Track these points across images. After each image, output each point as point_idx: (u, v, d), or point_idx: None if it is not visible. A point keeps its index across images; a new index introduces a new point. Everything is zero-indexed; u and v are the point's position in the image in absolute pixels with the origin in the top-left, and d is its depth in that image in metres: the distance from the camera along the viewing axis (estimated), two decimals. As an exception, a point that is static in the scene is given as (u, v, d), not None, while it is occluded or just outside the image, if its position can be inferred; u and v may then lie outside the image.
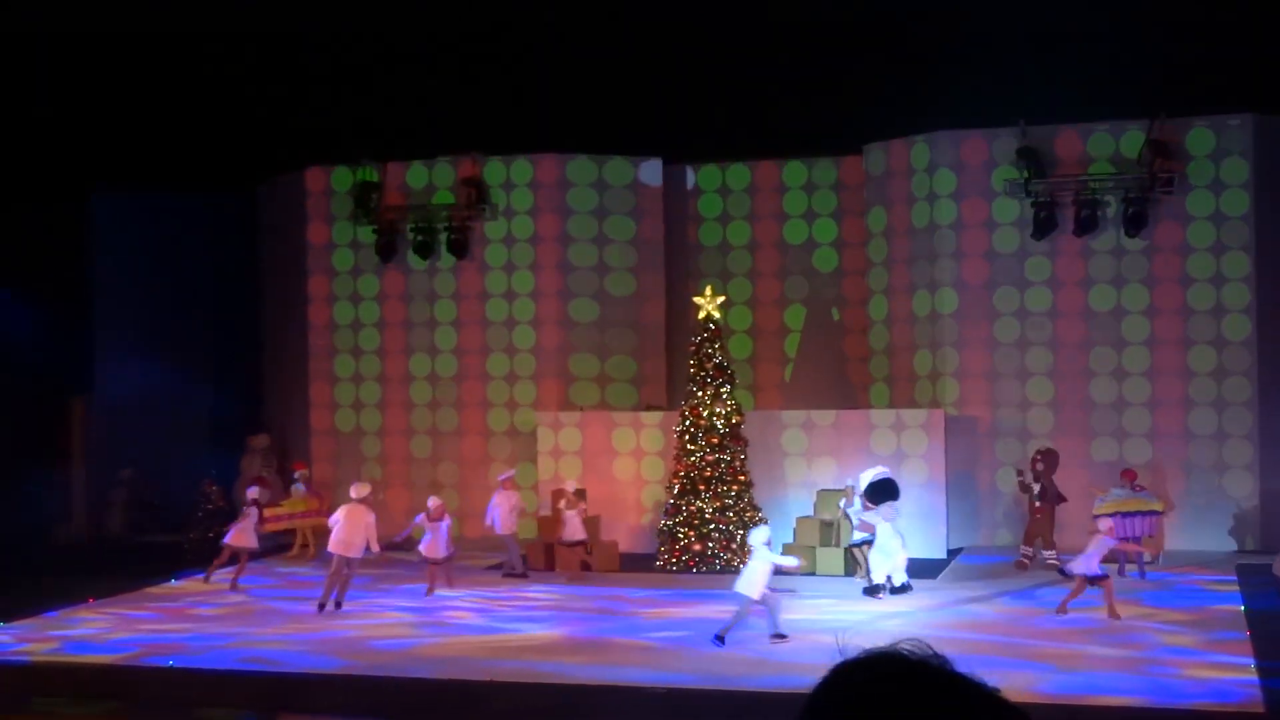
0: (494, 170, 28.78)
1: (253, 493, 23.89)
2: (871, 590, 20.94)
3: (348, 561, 20.65)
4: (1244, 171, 25.43)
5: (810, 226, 29.37)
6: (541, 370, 28.54)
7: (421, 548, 22.20)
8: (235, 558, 22.81)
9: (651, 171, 28.80)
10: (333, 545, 20.66)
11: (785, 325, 29.64)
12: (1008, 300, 26.47)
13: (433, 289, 29.03)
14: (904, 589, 21.04)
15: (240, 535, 22.85)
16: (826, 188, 29.28)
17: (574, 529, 23.90)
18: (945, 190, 26.72)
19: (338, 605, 20.52)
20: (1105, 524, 19.49)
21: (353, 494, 21.37)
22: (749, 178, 29.64)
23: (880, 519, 21.23)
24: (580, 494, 24.79)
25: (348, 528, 20.62)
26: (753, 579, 17.80)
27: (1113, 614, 18.70)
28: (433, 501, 22.68)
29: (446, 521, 22.33)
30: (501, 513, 23.54)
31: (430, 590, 21.85)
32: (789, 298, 29.53)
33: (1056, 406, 26.24)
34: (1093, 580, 18.96)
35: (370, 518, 20.74)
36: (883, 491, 21.61)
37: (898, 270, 27.42)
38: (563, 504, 24.09)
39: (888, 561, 20.98)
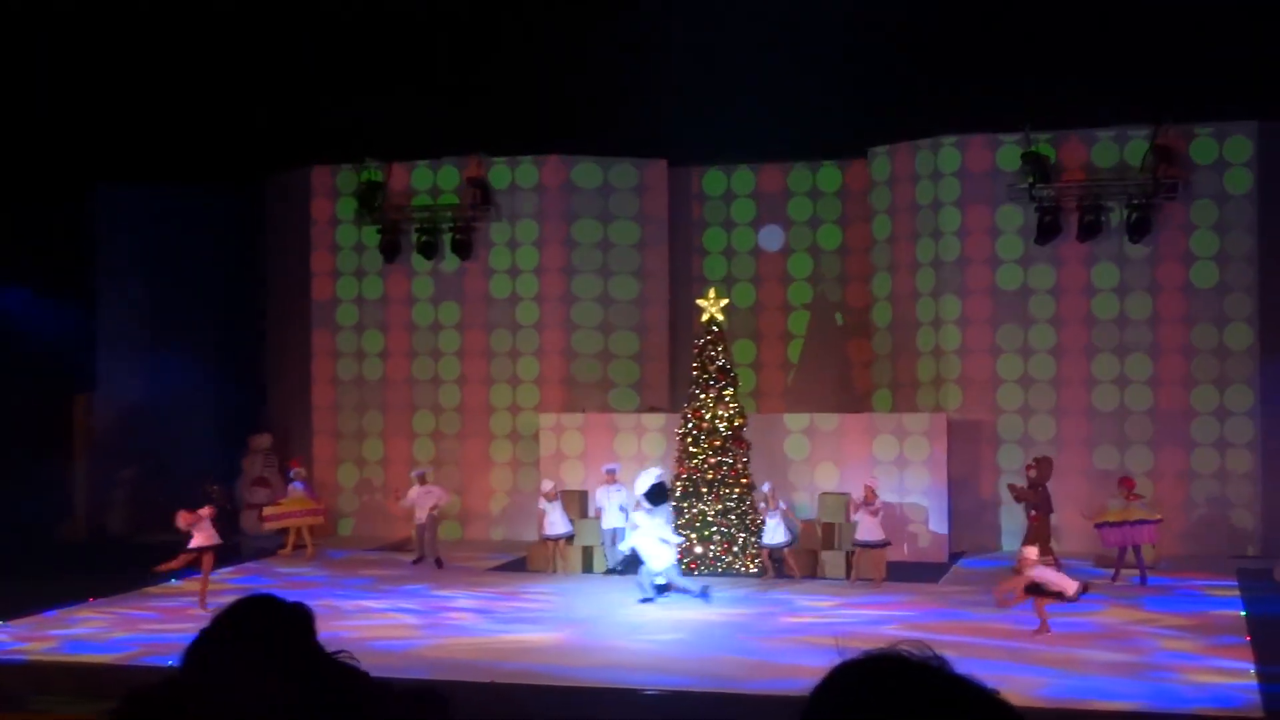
0: (499, 172, 28.83)
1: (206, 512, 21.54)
2: (662, 588, 21.33)
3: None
4: (1248, 177, 25.44)
5: (814, 231, 29.38)
6: (544, 371, 28.58)
7: (545, 532, 23.85)
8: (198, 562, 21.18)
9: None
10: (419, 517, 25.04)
11: (789, 330, 29.65)
12: (1011, 305, 26.49)
13: (437, 289, 29.07)
14: (663, 589, 21.45)
15: (203, 536, 21.11)
16: (831, 193, 29.29)
17: (869, 528, 22.44)
18: (949, 196, 26.78)
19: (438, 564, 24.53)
20: (1030, 552, 18.96)
21: (415, 475, 25.75)
22: (753, 181, 29.67)
23: (663, 520, 21.73)
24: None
25: (423, 501, 24.94)
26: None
27: (1042, 628, 18.33)
28: (547, 484, 23.93)
29: (558, 501, 23.88)
30: (613, 507, 23.90)
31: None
32: (792, 303, 29.54)
33: (1059, 412, 26.26)
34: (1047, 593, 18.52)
35: (438, 490, 25.34)
36: (663, 494, 22.25)
37: (901, 274, 27.45)
38: (861, 502, 22.64)
39: (664, 559, 21.40)
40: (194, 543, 21.10)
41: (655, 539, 21.39)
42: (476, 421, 28.92)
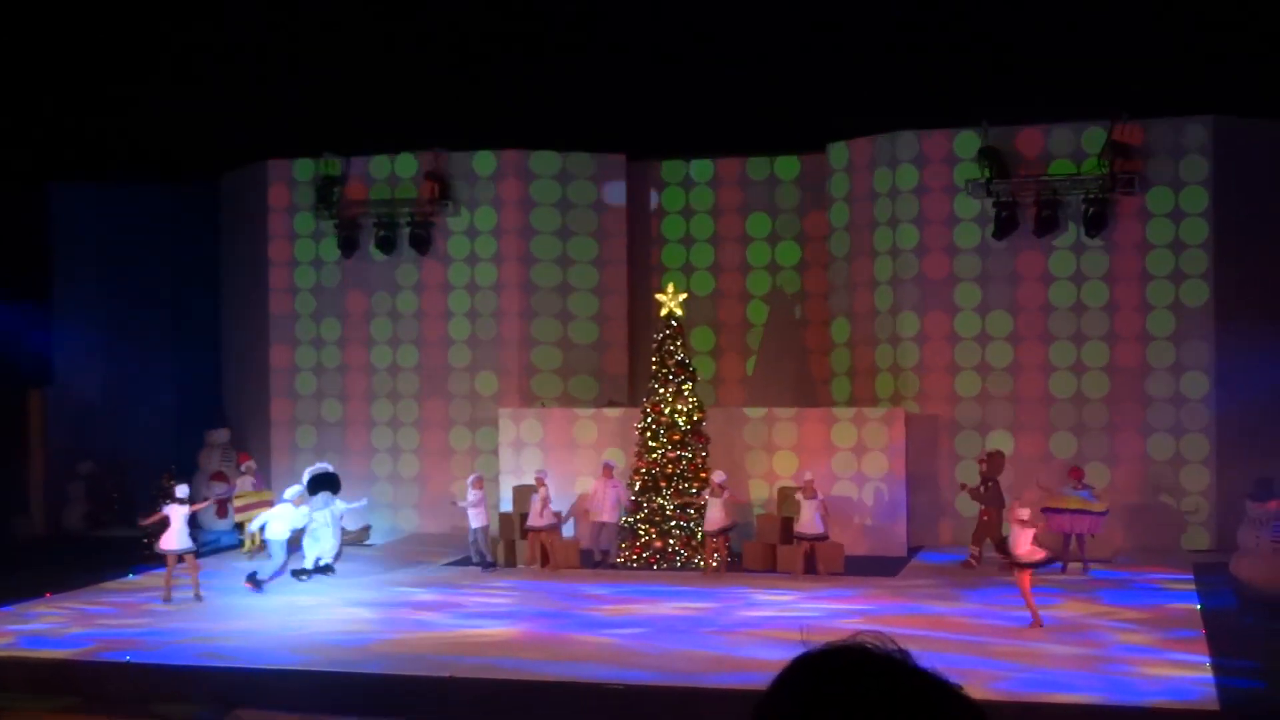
0: (456, 159, 28.70)
1: (182, 491, 22.10)
2: (299, 573, 22.46)
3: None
4: (1203, 172, 25.58)
5: (774, 221, 29.44)
6: (503, 364, 28.53)
7: (530, 523, 23.87)
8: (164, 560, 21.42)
9: (616, 192, 28.84)
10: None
11: (748, 320, 29.70)
12: (968, 297, 26.58)
13: (395, 282, 28.95)
14: (327, 569, 22.67)
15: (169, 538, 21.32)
16: (789, 181, 29.36)
17: (808, 521, 22.60)
18: (907, 190, 26.82)
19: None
20: (1022, 513, 19.34)
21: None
22: (712, 172, 29.70)
23: (312, 509, 22.84)
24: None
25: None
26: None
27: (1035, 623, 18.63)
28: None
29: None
30: (608, 502, 23.99)
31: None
32: (751, 293, 29.60)
33: (1016, 403, 26.36)
34: (1032, 565, 18.84)
35: None
36: (322, 484, 23.31)
37: (859, 262, 27.50)
38: (799, 494, 22.86)
39: (317, 546, 22.66)
40: (161, 546, 21.27)
41: (322, 526, 22.63)
42: (435, 409, 28.82)
